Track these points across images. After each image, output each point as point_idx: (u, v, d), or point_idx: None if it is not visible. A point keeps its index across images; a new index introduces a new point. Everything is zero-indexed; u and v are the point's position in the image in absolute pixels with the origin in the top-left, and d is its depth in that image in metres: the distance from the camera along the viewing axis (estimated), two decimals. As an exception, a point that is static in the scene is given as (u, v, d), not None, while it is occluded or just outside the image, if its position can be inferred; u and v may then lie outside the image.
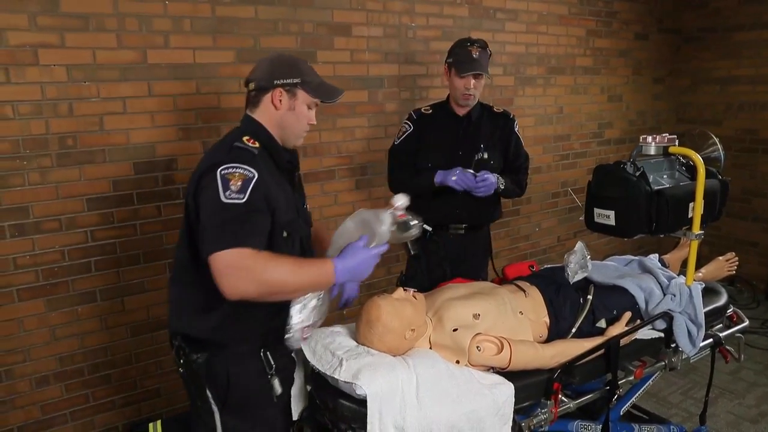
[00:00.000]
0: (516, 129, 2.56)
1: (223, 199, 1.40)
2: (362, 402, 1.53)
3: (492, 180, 2.34)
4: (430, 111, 2.54)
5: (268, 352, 1.58)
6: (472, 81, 2.37)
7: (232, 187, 1.41)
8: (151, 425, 2.50)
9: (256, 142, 1.55)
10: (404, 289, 1.77)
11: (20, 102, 2.22)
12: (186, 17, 2.51)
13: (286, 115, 1.59)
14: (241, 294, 1.40)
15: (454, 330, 1.75)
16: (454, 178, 2.31)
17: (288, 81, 1.57)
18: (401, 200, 1.64)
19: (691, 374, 3.31)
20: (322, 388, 1.68)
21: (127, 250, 2.52)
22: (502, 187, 2.42)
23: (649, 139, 2.03)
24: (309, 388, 1.78)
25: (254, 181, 1.44)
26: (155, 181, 2.55)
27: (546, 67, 3.84)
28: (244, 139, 1.54)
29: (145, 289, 2.59)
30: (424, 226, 1.90)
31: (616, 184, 2.01)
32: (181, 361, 1.58)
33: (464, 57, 2.37)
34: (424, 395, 1.56)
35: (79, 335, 2.47)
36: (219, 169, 1.43)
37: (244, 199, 1.41)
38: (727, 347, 2.31)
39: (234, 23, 2.62)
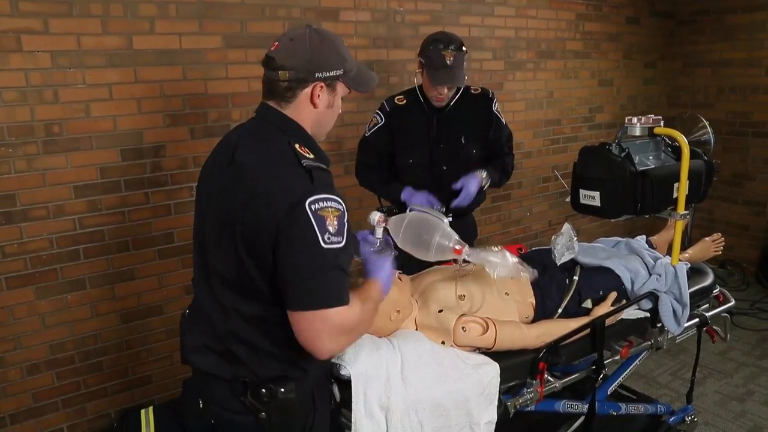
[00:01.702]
0: (495, 108, 2.43)
1: (323, 245, 1.18)
2: (347, 382, 1.54)
3: (471, 190, 2.24)
4: (405, 101, 2.38)
5: None
6: (446, 88, 2.24)
7: (330, 228, 1.19)
8: (143, 411, 2.50)
9: (309, 152, 1.30)
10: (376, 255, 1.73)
11: (4, 89, 2.21)
12: (171, 2, 2.49)
13: (324, 114, 1.36)
14: (337, 351, 1.33)
15: (440, 311, 1.75)
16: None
17: (331, 74, 1.32)
18: (374, 216, 1.67)
19: (680, 355, 3.34)
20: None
21: (115, 237, 2.52)
22: (486, 185, 2.33)
23: (634, 120, 2.03)
24: None
25: (346, 216, 1.23)
26: (143, 167, 2.54)
27: (536, 51, 3.83)
28: (299, 148, 1.28)
29: (135, 276, 2.60)
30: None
31: (601, 165, 2.01)
32: (263, 402, 1.32)
33: (437, 62, 2.18)
34: (408, 375, 1.57)
35: (69, 323, 2.48)
36: (308, 203, 1.18)
37: (342, 243, 1.21)
38: (714, 327, 2.33)
39: (220, 8, 2.61)
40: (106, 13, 2.35)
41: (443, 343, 1.73)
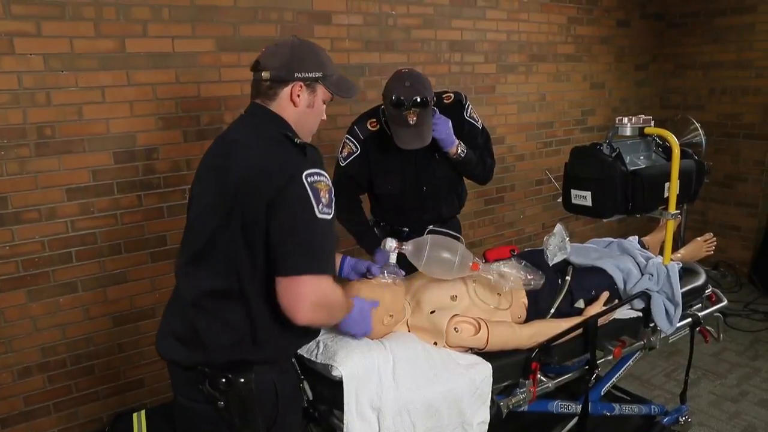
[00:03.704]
0: (467, 114, 2.27)
1: (318, 214, 1.28)
2: (340, 384, 1.54)
3: (446, 128, 2.11)
4: (377, 127, 2.22)
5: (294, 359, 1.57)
6: None
7: (323, 200, 1.29)
8: (135, 415, 2.49)
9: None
10: (384, 275, 1.73)
11: (-4, 91, 2.21)
12: (164, 6, 2.50)
13: (305, 113, 1.45)
14: (313, 322, 1.35)
15: (432, 312, 1.76)
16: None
17: (310, 75, 1.42)
18: (391, 244, 1.77)
19: (674, 357, 3.35)
20: (302, 371, 1.69)
21: (108, 240, 2.52)
22: (463, 155, 2.19)
23: (625, 120, 2.05)
24: None
25: (334, 191, 1.33)
26: (135, 170, 2.54)
27: (528, 54, 3.86)
28: (288, 134, 1.38)
29: (128, 279, 2.59)
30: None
31: (592, 164, 2.03)
32: (221, 390, 1.37)
33: (399, 121, 2.03)
34: (400, 375, 1.57)
35: (61, 326, 2.47)
36: (304, 176, 1.27)
37: (331, 216, 1.32)
38: (707, 327, 2.34)
39: (213, 11, 2.62)
40: (98, 16, 2.35)
41: (435, 343, 1.73)
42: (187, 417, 1.47)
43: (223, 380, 1.36)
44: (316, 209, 1.28)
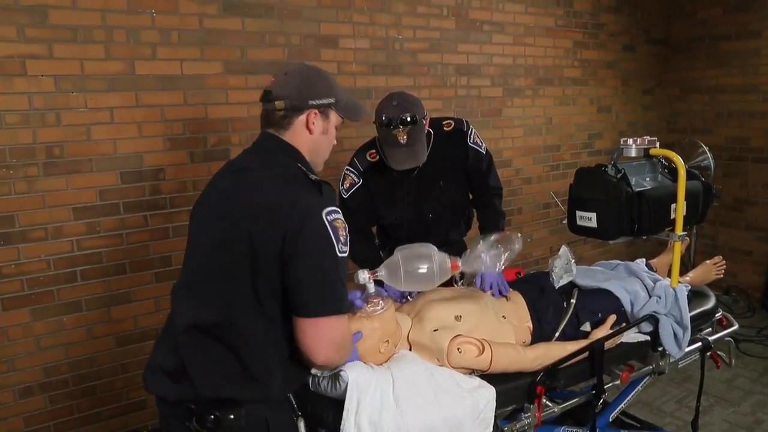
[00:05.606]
0: (471, 141, 2.24)
1: (338, 253, 1.28)
2: (340, 406, 1.51)
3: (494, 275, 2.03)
4: (377, 158, 2.19)
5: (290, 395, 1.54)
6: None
7: (341, 238, 1.28)
8: (136, 437, 2.48)
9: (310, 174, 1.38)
10: (369, 306, 1.64)
11: (7, 112, 2.25)
12: (174, 29, 2.54)
13: (320, 140, 1.44)
14: (329, 362, 1.34)
15: (435, 330, 1.73)
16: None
17: (323, 102, 1.41)
18: (363, 275, 1.64)
19: (685, 383, 3.28)
20: (304, 397, 1.67)
21: (113, 259, 2.52)
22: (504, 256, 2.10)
23: (630, 141, 2.04)
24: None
25: (348, 228, 1.32)
26: (142, 190, 2.56)
27: (534, 78, 3.88)
28: (302, 167, 1.38)
29: (132, 299, 2.59)
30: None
31: (597, 186, 2.01)
32: (209, 428, 1.32)
33: (391, 141, 2.01)
34: (401, 397, 1.54)
35: (64, 345, 2.46)
36: (324, 214, 1.26)
37: (347, 253, 1.31)
38: (718, 352, 2.29)
39: (221, 35, 2.66)
40: (109, 39, 2.40)
41: (437, 360, 1.70)
42: None
43: (212, 417, 1.30)
44: (336, 248, 1.27)
